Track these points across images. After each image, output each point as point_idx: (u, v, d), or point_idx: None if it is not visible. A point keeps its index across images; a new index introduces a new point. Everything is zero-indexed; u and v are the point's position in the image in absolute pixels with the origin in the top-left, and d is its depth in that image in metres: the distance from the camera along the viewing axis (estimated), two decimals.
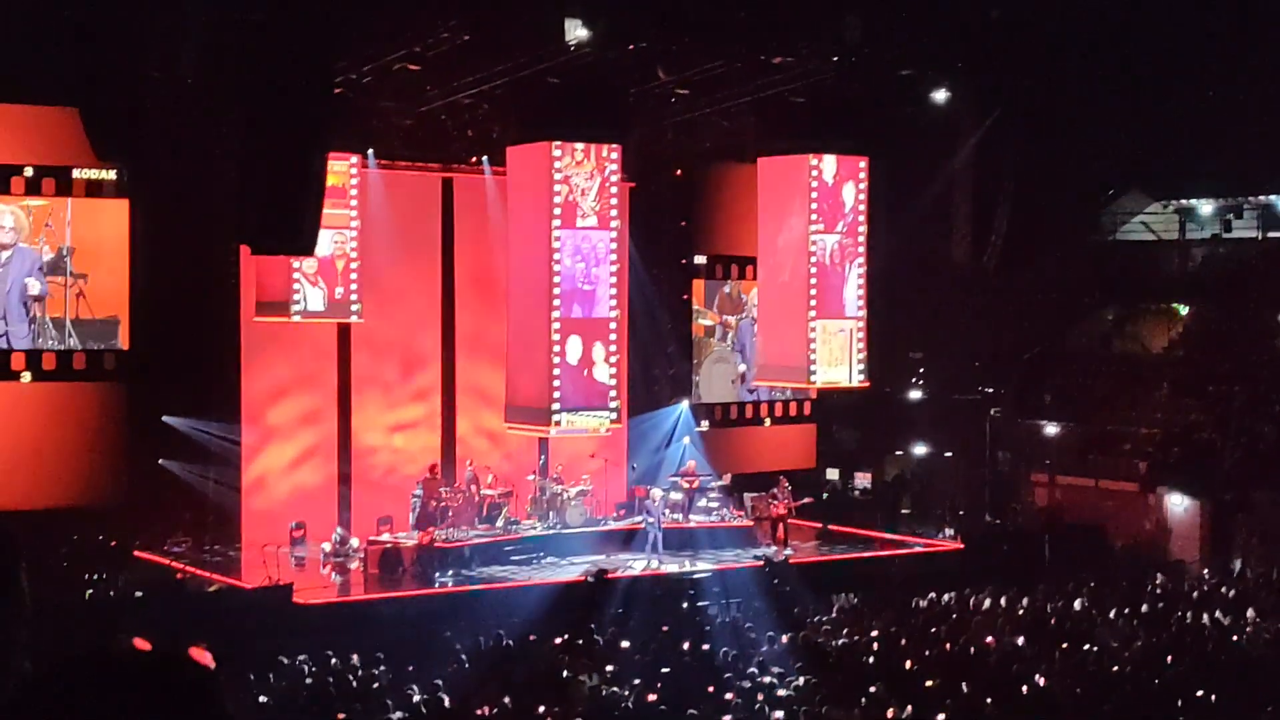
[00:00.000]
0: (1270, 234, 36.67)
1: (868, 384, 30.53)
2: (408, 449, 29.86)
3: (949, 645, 21.60)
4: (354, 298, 27.35)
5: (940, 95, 30.89)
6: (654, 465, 31.36)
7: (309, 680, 19.23)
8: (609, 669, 19.65)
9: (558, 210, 26.60)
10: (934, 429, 35.76)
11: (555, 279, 26.63)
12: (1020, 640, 21.92)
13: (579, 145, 26.89)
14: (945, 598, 25.93)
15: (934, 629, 23.05)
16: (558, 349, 26.64)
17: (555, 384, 26.55)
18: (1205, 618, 23.34)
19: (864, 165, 29.87)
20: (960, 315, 34.95)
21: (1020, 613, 24.56)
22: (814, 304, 29.51)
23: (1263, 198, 36.66)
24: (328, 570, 26.66)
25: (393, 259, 28.88)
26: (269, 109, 17.43)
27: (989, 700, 18.38)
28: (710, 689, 18.81)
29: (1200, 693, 18.75)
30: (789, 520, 29.67)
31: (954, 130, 33.58)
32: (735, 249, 33.47)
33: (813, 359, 29.56)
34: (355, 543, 27.07)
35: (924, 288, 34.80)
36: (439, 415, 30.36)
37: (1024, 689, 19.13)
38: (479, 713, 18.05)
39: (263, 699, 18.05)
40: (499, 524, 27.82)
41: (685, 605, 25.33)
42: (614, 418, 27.39)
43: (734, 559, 28.35)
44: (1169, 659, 20.60)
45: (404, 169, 29.64)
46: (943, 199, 35.13)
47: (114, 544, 26.42)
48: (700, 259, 34.06)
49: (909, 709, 17.65)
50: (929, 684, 19.16)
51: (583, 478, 29.13)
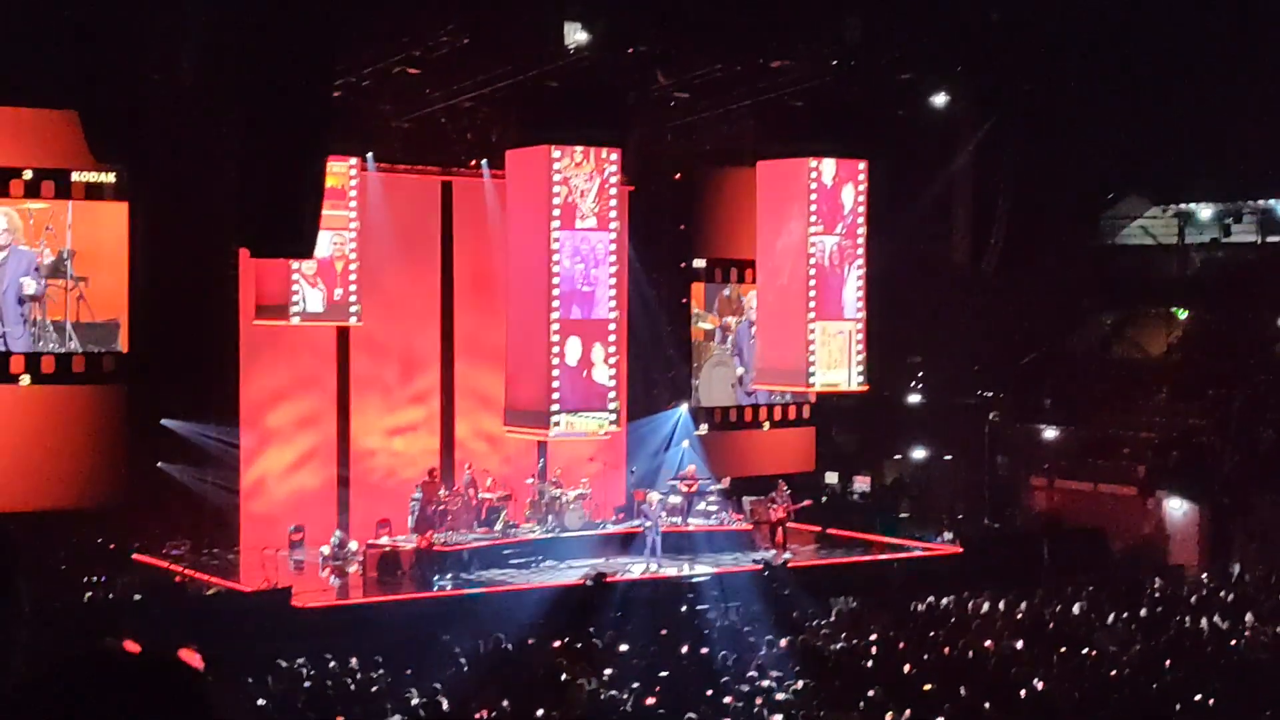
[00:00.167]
0: (1269, 238, 36.68)
1: (867, 387, 30.56)
2: (407, 452, 29.84)
3: (947, 649, 21.58)
4: (353, 299, 27.36)
5: (939, 98, 30.90)
6: (653, 469, 31.33)
7: (307, 684, 19.21)
8: (607, 672, 19.64)
9: (557, 211, 26.61)
10: (933, 433, 35.77)
11: (554, 280, 26.64)
12: (1019, 644, 21.90)
13: (578, 148, 26.92)
14: (944, 601, 25.91)
15: (932, 633, 23.04)
16: (557, 350, 26.65)
17: (554, 385, 26.56)
18: (1204, 622, 23.32)
19: (863, 167, 29.93)
20: (959, 319, 34.95)
21: (1019, 616, 24.54)
22: (813, 305, 29.53)
23: (1262, 202, 36.67)
24: (326, 573, 26.65)
25: (392, 262, 28.88)
26: (268, 111, 17.41)
27: (987, 704, 18.37)
28: (709, 692, 18.80)
29: (1198, 697, 18.74)
30: (788, 524, 29.66)
31: (953, 134, 33.54)
32: (734, 252, 33.49)
33: (812, 362, 29.58)
34: (354, 546, 27.06)
35: (923, 291, 34.79)
36: (438, 418, 30.35)
37: (1022, 693, 19.11)
38: (477, 716, 18.03)
39: (261, 702, 18.05)
40: (498, 527, 27.81)
41: (684, 609, 25.32)
42: (613, 420, 27.38)
43: (733, 562, 28.34)
44: (1167, 663, 20.58)
45: (403, 172, 29.64)
46: (942, 202, 35.08)
47: (112, 546, 26.40)
48: (699, 262, 34.09)
49: (907, 713, 17.63)
50: (927, 688, 19.14)
51: (581, 481, 29.12)
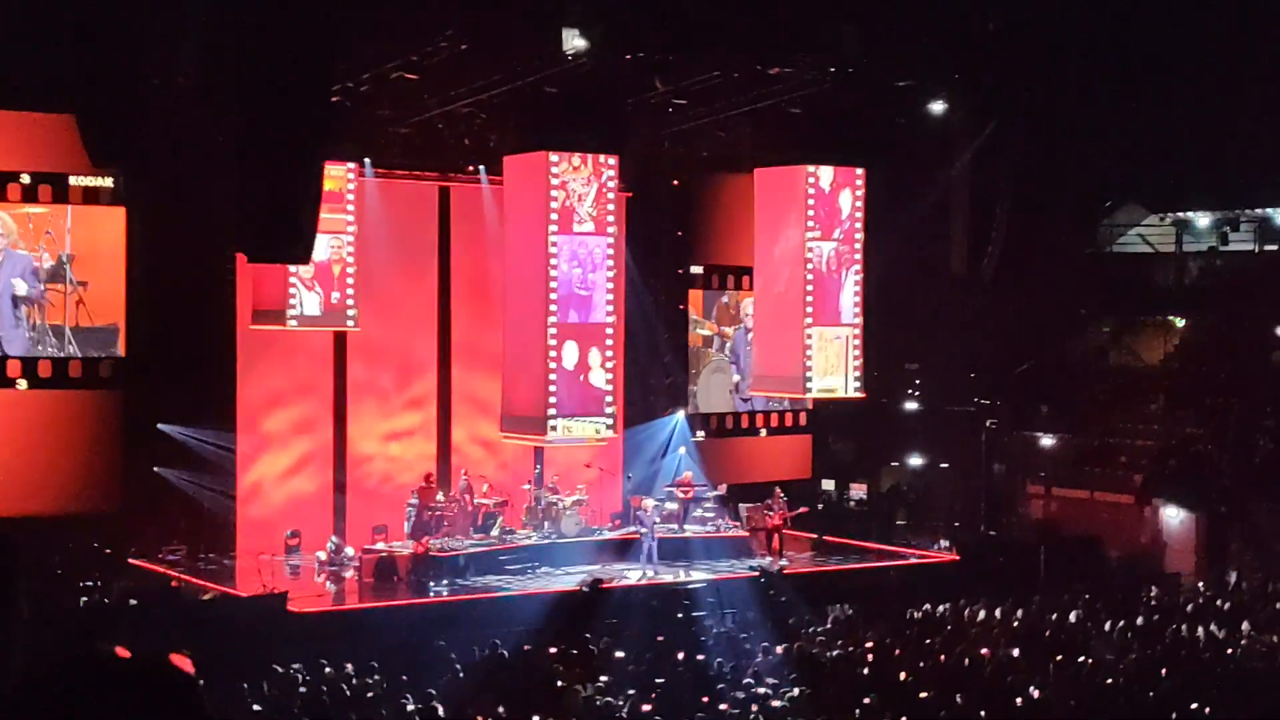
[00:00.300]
0: (1267, 247, 36.68)
1: (864, 395, 30.56)
2: (403, 457, 29.82)
3: (944, 656, 21.58)
4: (350, 303, 27.34)
5: (938, 106, 30.91)
6: (650, 475, 31.30)
7: (303, 689, 19.20)
8: (603, 679, 19.63)
9: (554, 215, 26.61)
10: (930, 440, 35.76)
11: (552, 284, 26.64)
12: (1015, 652, 21.90)
13: (576, 154, 26.92)
14: (940, 609, 25.92)
15: (929, 640, 23.04)
16: (554, 354, 26.64)
17: (551, 389, 26.54)
18: (1200, 630, 23.32)
19: (861, 173, 29.96)
20: (957, 326, 34.94)
21: (1015, 624, 24.54)
22: (810, 310, 29.53)
23: (1260, 211, 36.67)
24: (323, 579, 26.64)
25: (389, 267, 28.88)
26: (266, 116, 17.41)
27: (983, 712, 18.37)
28: (705, 699, 18.80)
29: (1194, 705, 18.74)
30: (784, 531, 29.64)
31: (951, 141, 33.58)
32: (732, 259, 33.50)
33: (809, 369, 29.57)
34: (350, 551, 27.05)
35: (920, 298, 34.80)
36: (435, 424, 30.33)
37: (1018, 701, 19.11)
38: None
39: (256, 707, 18.03)
40: (494, 533, 27.80)
41: (680, 615, 25.30)
42: (610, 424, 27.37)
43: (729, 569, 28.32)
44: (1163, 671, 20.57)
45: (401, 178, 29.65)
46: (939, 210, 35.12)
47: (109, 551, 26.37)
48: (697, 269, 34.09)
49: None
50: (923, 695, 19.14)
51: (578, 487, 29.11)
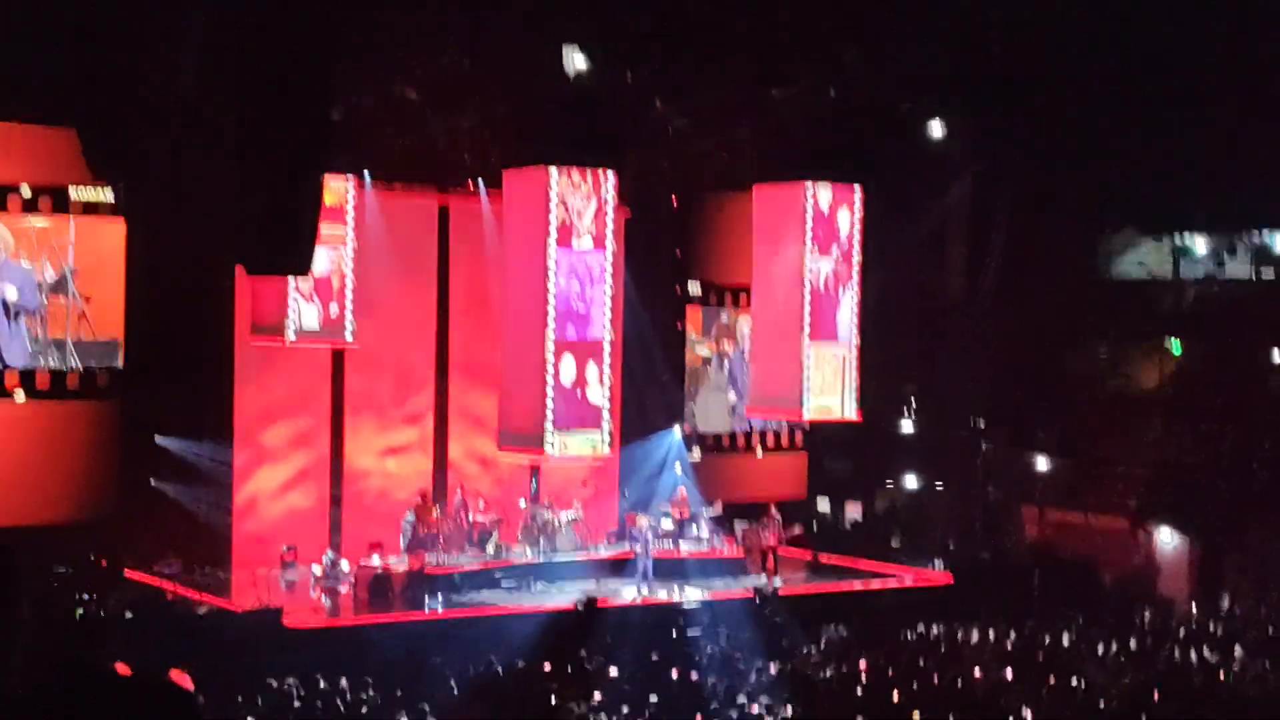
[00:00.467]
0: (1264, 272, 36.71)
1: (860, 416, 30.56)
2: (400, 473, 29.81)
3: (937, 678, 21.58)
4: (349, 315, 27.31)
5: (937, 127, 30.97)
6: (646, 493, 31.30)
7: (297, 704, 19.19)
8: (597, 697, 19.63)
9: (553, 230, 26.63)
10: (925, 461, 35.74)
11: (550, 298, 26.65)
12: (1008, 674, 21.90)
13: (575, 169, 26.97)
14: (934, 630, 25.91)
15: (923, 661, 23.03)
16: (551, 369, 26.65)
17: (549, 404, 26.55)
18: (1193, 655, 23.32)
19: (859, 192, 30.01)
20: (953, 347, 34.96)
21: (1009, 646, 24.53)
22: (807, 328, 29.55)
23: (1257, 237, 36.71)
24: (318, 594, 26.60)
25: (388, 282, 28.87)
26: (266, 129, 17.44)
27: None
28: (698, 718, 18.80)
29: None
30: (779, 550, 29.64)
31: (950, 163, 33.63)
32: (730, 278, 33.53)
33: (805, 389, 29.57)
34: (346, 566, 27.03)
35: (917, 319, 34.82)
36: (431, 439, 30.33)
37: None
38: None
39: None
40: (489, 550, 27.79)
41: (674, 634, 25.30)
42: (606, 440, 27.37)
43: (724, 588, 28.32)
44: (1156, 695, 20.58)
45: (401, 192, 29.68)
46: (938, 231, 35.17)
47: (104, 563, 26.34)
48: (695, 287, 34.11)
49: None
50: (917, 716, 19.14)
51: (574, 505, 29.11)
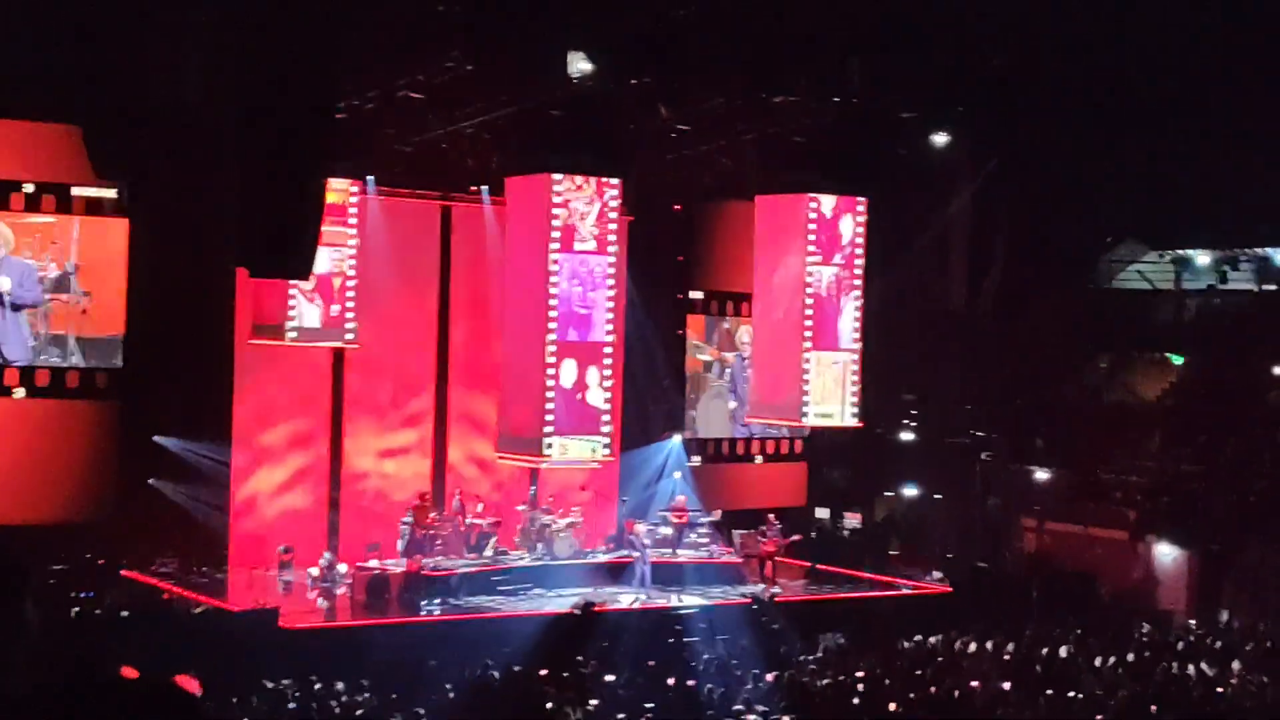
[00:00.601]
0: (1266, 287, 36.73)
1: (860, 424, 30.58)
2: (398, 475, 29.80)
3: (934, 688, 21.55)
4: (349, 316, 27.30)
5: (940, 139, 30.99)
6: (645, 499, 31.30)
7: (292, 705, 19.17)
8: (594, 703, 19.61)
9: (556, 234, 26.65)
10: (925, 471, 35.72)
11: (552, 301, 26.65)
12: (1005, 685, 21.87)
13: (579, 176, 26.98)
14: (932, 640, 25.87)
15: (920, 671, 23.00)
16: (552, 372, 26.64)
17: (549, 408, 26.53)
18: (1191, 669, 23.29)
19: (863, 201, 30.02)
20: (954, 358, 34.96)
21: (1006, 657, 24.50)
22: (809, 335, 29.56)
23: (1259, 250, 36.73)
24: (314, 595, 26.59)
25: (390, 284, 28.87)
26: (269, 131, 17.44)
27: None
28: None
29: None
30: (777, 558, 29.62)
31: (953, 173, 33.66)
32: (731, 285, 33.53)
33: (806, 397, 29.58)
34: (343, 568, 27.01)
35: (918, 329, 34.83)
36: (430, 442, 30.32)
37: None
38: None
39: None
40: (487, 553, 27.76)
41: (671, 641, 25.28)
42: (606, 444, 27.35)
43: (721, 595, 28.31)
44: (1154, 709, 20.55)
45: (404, 196, 29.67)
46: (940, 241, 35.19)
47: (101, 562, 26.33)
48: (696, 294, 34.12)
49: None
50: None
51: (573, 509, 29.10)
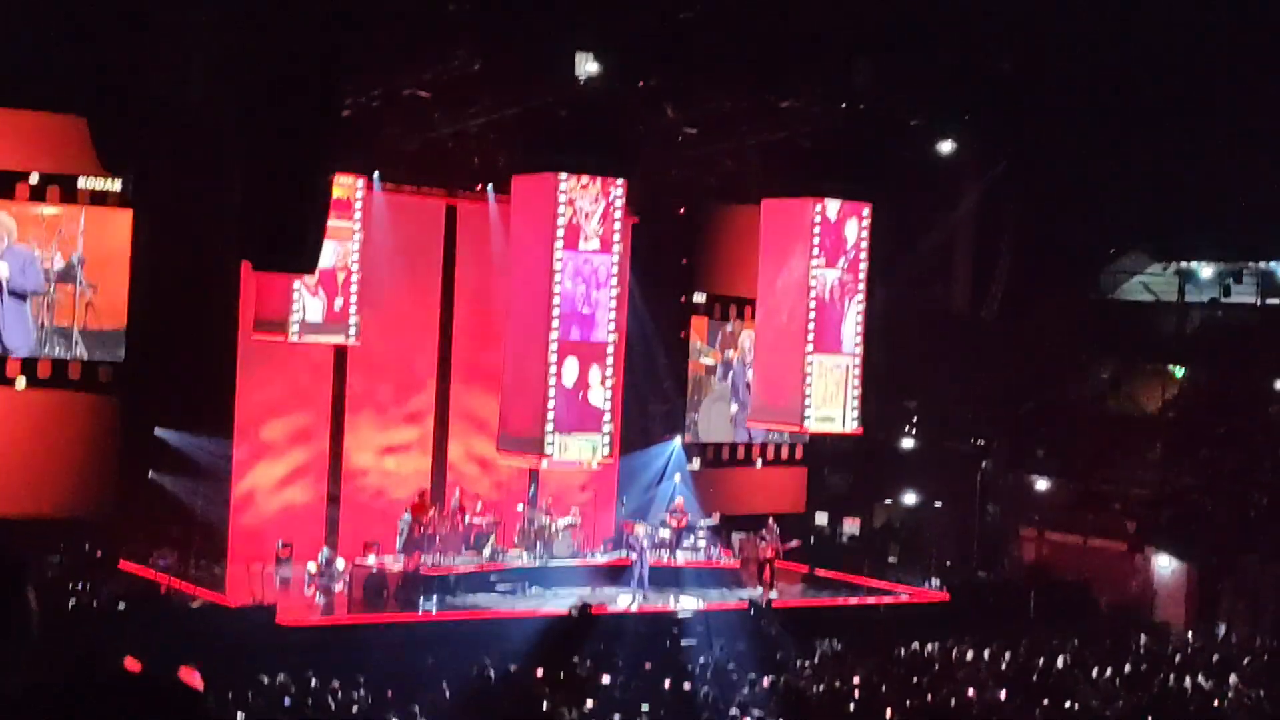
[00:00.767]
0: (1269, 300, 36.70)
1: (861, 430, 30.56)
2: (398, 472, 29.79)
3: (930, 696, 21.54)
4: (353, 310, 27.26)
5: (946, 145, 30.98)
6: (644, 502, 31.27)
7: (287, 701, 19.17)
8: (589, 704, 19.60)
9: (561, 231, 26.63)
10: (925, 478, 35.70)
11: (555, 299, 26.64)
12: (1002, 694, 21.86)
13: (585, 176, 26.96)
14: (929, 648, 25.86)
15: (916, 679, 22.99)
16: (554, 370, 26.62)
17: (550, 405, 26.52)
18: (1188, 681, 23.27)
19: (868, 208, 30.02)
20: (956, 365, 34.94)
21: (1003, 666, 24.49)
22: (811, 338, 29.54)
23: (1263, 264, 36.71)
24: (312, 591, 26.56)
25: (393, 281, 28.85)
26: (275, 127, 17.46)
27: None
28: None
29: None
30: (776, 563, 29.60)
31: (958, 180, 33.65)
32: (734, 289, 33.51)
33: (807, 401, 29.56)
34: (341, 565, 26.99)
35: (921, 336, 34.80)
36: (431, 440, 30.30)
37: None
38: None
39: (240, 716, 18.00)
40: (485, 553, 27.75)
41: (668, 643, 25.27)
42: (606, 443, 27.33)
43: (719, 599, 28.29)
44: None
45: (409, 193, 29.66)
46: (944, 248, 35.16)
47: (100, 554, 26.33)
48: (699, 297, 34.09)
49: None
50: None
51: (572, 510, 29.08)
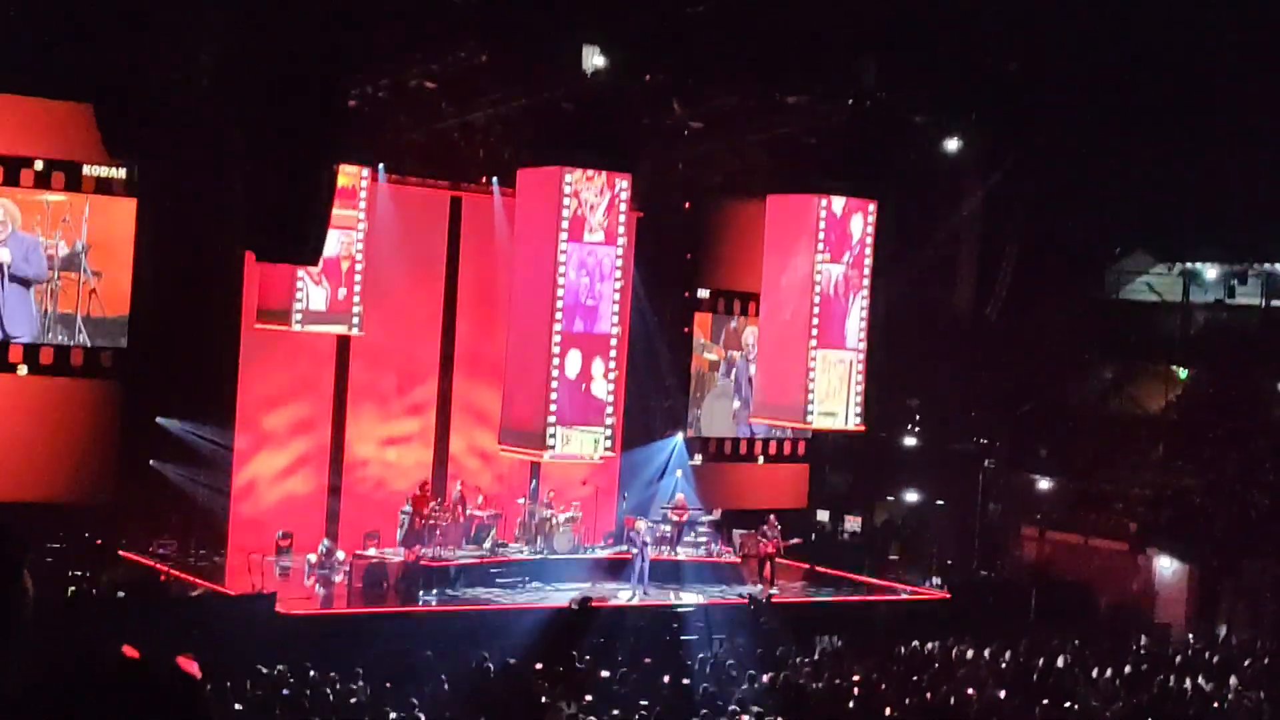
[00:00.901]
0: (1274, 302, 36.68)
1: (863, 428, 30.55)
2: (400, 463, 29.76)
3: (930, 694, 21.51)
4: (356, 300, 27.25)
5: (952, 144, 30.96)
6: (646, 497, 31.25)
7: (286, 691, 19.15)
8: (588, 698, 19.59)
9: (565, 223, 26.61)
10: (927, 477, 35.71)
11: (559, 291, 26.62)
12: (1002, 693, 21.84)
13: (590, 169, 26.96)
14: (929, 646, 25.84)
15: (916, 677, 22.97)
16: (557, 362, 26.60)
17: (553, 398, 26.50)
18: (1188, 682, 23.25)
19: (873, 204, 30.00)
20: (959, 364, 34.93)
21: (1003, 666, 24.48)
22: (815, 333, 29.53)
23: (1268, 265, 36.69)
24: (312, 582, 26.56)
25: (397, 273, 28.81)
26: (280, 118, 17.43)
27: None
28: None
29: None
30: (776, 559, 29.59)
31: (963, 179, 33.63)
32: (738, 285, 33.48)
33: (810, 397, 29.55)
34: (341, 556, 26.99)
35: (924, 334, 34.79)
36: (433, 431, 30.29)
37: None
38: None
39: (238, 706, 17.99)
40: (486, 546, 27.73)
41: (668, 638, 25.26)
42: (608, 437, 27.31)
43: (719, 595, 28.27)
44: None
45: (414, 185, 29.63)
46: (948, 247, 35.14)
47: (100, 542, 26.33)
48: (703, 293, 34.07)
49: None
50: None
51: (573, 504, 29.06)
